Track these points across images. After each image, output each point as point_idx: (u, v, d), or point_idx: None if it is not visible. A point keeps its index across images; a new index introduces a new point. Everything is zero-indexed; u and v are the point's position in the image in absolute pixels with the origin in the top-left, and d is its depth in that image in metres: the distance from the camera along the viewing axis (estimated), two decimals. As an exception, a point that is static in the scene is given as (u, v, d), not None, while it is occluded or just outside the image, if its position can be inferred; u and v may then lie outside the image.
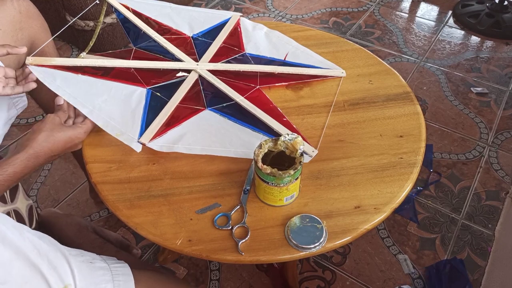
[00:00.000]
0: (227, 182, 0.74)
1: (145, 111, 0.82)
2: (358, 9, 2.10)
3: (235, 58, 0.95)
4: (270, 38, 1.01)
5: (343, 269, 1.15)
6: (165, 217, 0.69)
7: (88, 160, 0.78)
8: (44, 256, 0.52)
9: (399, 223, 1.25)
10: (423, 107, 1.59)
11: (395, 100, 0.89)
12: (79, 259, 0.57)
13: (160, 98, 0.84)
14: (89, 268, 0.57)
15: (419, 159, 0.78)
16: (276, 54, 0.97)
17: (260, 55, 0.96)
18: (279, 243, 0.66)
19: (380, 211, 0.70)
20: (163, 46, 0.95)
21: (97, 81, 0.84)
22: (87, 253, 0.61)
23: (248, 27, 1.03)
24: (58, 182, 1.36)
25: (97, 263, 0.60)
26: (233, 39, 1.00)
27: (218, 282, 1.13)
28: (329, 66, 0.96)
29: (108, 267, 0.60)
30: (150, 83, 0.87)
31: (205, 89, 0.88)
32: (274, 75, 0.92)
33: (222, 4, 2.15)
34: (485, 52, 1.86)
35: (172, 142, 0.78)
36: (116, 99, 0.82)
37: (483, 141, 1.48)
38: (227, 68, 0.92)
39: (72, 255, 0.57)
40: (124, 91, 0.84)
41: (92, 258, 0.60)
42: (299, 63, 0.95)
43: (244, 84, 0.89)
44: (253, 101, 0.85)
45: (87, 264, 0.58)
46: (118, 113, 0.80)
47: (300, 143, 0.68)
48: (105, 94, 0.82)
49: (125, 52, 0.93)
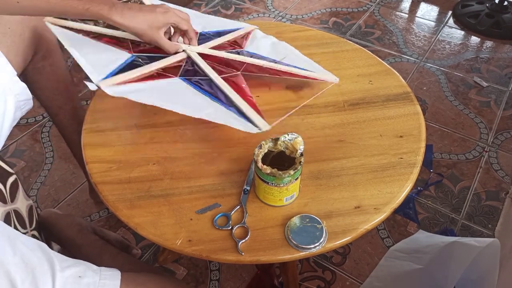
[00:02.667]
0: (227, 182, 0.74)
1: (122, 64, 0.83)
2: (358, 9, 2.10)
3: (231, 51, 0.95)
4: (275, 45, 1.00)
5: (343, 269, 1.15)
6: (165, 217, 0.69)
7: (88, 160, 0.78)
8: (30, 272, 0.51)
9: (399, 223, 1.25)
10: (423, 107, 1.59)
11: (395, 100, 0.89)
12: (67, 273, 0.56)
13: (141, 62, 0.86)
14: (72, 286, 0.55)
15: (419, 159, 0.78)
16: (275, 56, 0.96)
17: (258, 53, 0.96)
18: (279, 243, 0.66)
19: (380, 211, 0.70)
20: None
21: (91, 41, 0.89)
22: (82, 263, 0.60)
23: (257, 35, 1.02)
24: (58, 182, 1.36)
25: (85, 279, 0.57)
26: (238, 40, 1.00)
27: (218, 282, 1.13)
28: (325, 73, 0.94)
29: (96, 283, 0.58)
30: (137, 50, 0.89)
31: (186, 66, 0.88)
32: (262, 68, 0.90)
33: (222, 4, 2.15)
34: (485, 52, 1.87)
35: (127, 92, 0.76)
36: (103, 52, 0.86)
37: (483, 141, 1.48)
38: (217, 54, 0.91)
39: (63, 267, 0.55)
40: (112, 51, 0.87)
41: (83, 271, 0.58)
42: (292, 65, 0.94)
43: (228, 69, 0.89)
44: (228, 82, 0.85)
45: (73, 280, 0.56)
46: (102, 58, 0.84)
47: (300, 143, 0.68)
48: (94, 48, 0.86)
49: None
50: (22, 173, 1.38)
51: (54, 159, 1.43)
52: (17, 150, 1.46)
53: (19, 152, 1.45)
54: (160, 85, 0.81)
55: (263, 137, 0.71)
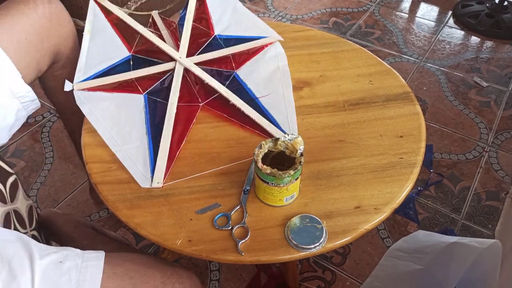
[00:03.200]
0: (227, 182, 0.74)
1: (111, 65, 0.91)
2: (358, 9, 2.10)
3: (222, 70, 0.94)
4: (272, 75, 0.94)
5: (343, 269, 1.15)
6: (165, 217, 0.69)
7: (88, 160, 0.78)
8: (6, 264, 0.51)
9: (399, 223, 1.25)
10: (423, 107, 1.59)
11: (395, 100, 0.89)
12: (47, 260, 0.55)
13: (130, 65, 0.91)
14: (55, 271, 0.55)
15: (419, 159, 0.78)
16: (261, 91, 0.90)
17: (244, 83, 0.91)
18: (279, 243, 0.66)
19: (380, 211, 0.70)
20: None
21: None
22: (63, 249, 0.59)
23: (269, 53, 0.98)
24: (58, 182, 1.36)
25: (66, 263, 0.57)
26: (244, 55, 0.97)
27: (218, 283, 1.13)
28: (267, 33, 1.00)
29: (78, 266, 0.57)
30: (138, 50, 0.94)
31: (163, 81, 0.90)
32: (226, 106, 0.87)
33: (222, 4, 2.15)
34: (485, 52, 1.86)
35: (88, 102, 0.84)
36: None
37: (483, 141, 1.48)
38: (199, 74, 0.90)
39: (42, 256, 0.55)
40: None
41: (64, 256, 0.57)
42: (236, 36, 0.98)
43: (194, 97, 0.88)
44: (181, 110, 0.85)
45: (55, 266, 0.55)
46: (102, 52, 0.92)
47: (300, 143, 0.68)
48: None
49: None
50: (22, 173, 1.38)
51: (54, 159, 1.43)
52: (17, 150, 1.46)
53: (19, 152, 1.45)
54: (121, 101, 0.86)
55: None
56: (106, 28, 0.96)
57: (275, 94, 0.89)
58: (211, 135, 0.83)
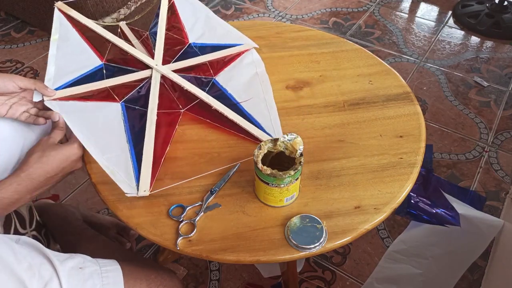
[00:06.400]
0: (227, 182, 0.74)
1: (83, 74, 0.87)
2: (358, 9, 2.10)
3: (200, 77, 0.92)
4: (251, 81, 0.93)
5: (343, 269, 1.15)
6: (165, 217, 0.69)
7: (88, 160, 0.78)
8: (36, 272, 0.54)
9: (399, 223, 1.25)
10: (423, 107, 1.59)
11: (395, 100, 0.89)
12: (68, 265, 0.58)
13: (103, 74, 0.89)
14: (78, 276, 0.58)
15: (419, 159, 0.78)
16: (242, 96, 0.90)
17: (224, 89, 0.91)
18: (279, 243, 0.66)
19: (380, 211, 0.70)
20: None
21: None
22: (76, 255, 0.61)
23: (245, 59, 0.97)
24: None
25: (87, 269, 0.60)
26: (220, 61, 0.96)
27: (218, 283, 1.13)
28: (242, 41, 0.99)
29: (98, 271, 0.61)
30: (110, 59, 0.92)
31: (140, 88, 0.88)
32: (208, 111, 0.86)
33: (222, 4, 2.15)
34: (485, 52, 1.87)
35: (64, 112, 0.79)
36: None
37: (483, 141, 1.48)
38: (178, 81, 0.89)
39: (60, 261, 0.57)
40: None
41: (82, 262, 0.60)
42: (211, 44, 0.97)
43: (174, 104, 0.87)
44: (161, 117, 0.83)
45: (77, 271, 0.58)
46: (73, 61, 0.89)
47: (299, 143, 0.68)
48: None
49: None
50: (22, 173, 1.38)
51: (54, 159, 1.43)
52: (17, 150, 1.46)
53: (19, 152, 1.45)
54: (96, 109, 0.83)
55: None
56: (74, 37, 0.93)
57: (257, 99, 0.88)
58: (211, 135, 0.83)
